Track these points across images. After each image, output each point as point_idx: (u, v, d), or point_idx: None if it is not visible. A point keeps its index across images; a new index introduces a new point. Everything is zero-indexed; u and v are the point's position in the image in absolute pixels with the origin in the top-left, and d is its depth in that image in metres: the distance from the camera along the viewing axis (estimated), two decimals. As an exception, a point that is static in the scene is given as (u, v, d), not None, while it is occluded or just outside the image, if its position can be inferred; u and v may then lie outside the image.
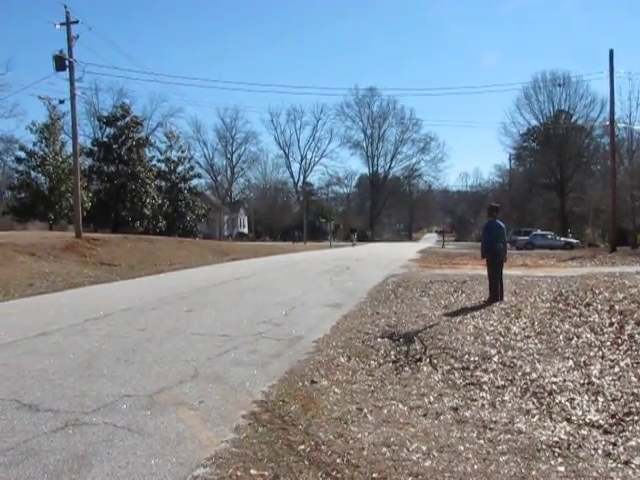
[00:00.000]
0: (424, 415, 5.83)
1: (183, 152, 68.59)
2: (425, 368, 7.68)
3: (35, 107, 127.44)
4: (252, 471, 4.44)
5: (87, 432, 5.10)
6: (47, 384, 6.58)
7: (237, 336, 9.38)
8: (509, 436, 5.27)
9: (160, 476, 4.31)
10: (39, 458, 4.58)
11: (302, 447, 4.93)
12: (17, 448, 4.77)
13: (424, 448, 4.95)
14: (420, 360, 8.03)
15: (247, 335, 9.48)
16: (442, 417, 5.78)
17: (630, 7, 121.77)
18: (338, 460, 4.68)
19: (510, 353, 8.30)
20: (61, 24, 29.58)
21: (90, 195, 50.30)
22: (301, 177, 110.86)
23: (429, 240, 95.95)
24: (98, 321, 10.96)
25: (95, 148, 60.38)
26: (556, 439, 5.20)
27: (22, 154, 52.72)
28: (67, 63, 29.54)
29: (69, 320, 10.96)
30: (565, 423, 5.62)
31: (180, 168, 67.49)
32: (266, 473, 4.42)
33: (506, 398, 6.41)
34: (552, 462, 4.73)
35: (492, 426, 5.52)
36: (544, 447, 5.02)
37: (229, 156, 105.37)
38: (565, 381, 6.95)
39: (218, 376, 6.96)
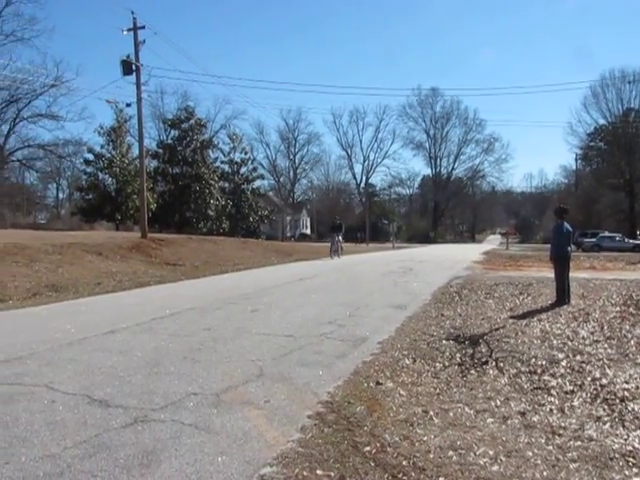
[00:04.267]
0: (491, 419, 5.75)
1: (246, 154, 69.25)
2: (491, 371, 7.57)
3: (103, 111, 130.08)
4: (318, 471, 4.44)
5: (155, 429, 5.18)
6: (116, 381, 6.70)
7: (301, 336, 9.41)
8: (579, 443, 5.14)
9: (227, 474, 4.34)
10: (110, 452, 4.67)
11: (368, 448, 4.91)
12: (89, 441, 4.87)
13: (491, 452, 4.88)
14: (486, 363, 7.92)
15: (311, 336, 9.50)
16: (509, 421, 5.68)
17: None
18: (404, 462, 4.65)
19: (579, 358, 8.13)
20: (128, 30, 30.26)
21: (155, 196, 51.18)
22: (363, 178, 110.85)
23: (492, 242, 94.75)
24: (164, 320, 11.13)
25: (160, 150, 61.44)
26: (630, 448, 5.04)
27: (90, 156, 54.14)
28: (134, 67, 30.14)
29: (136, 319, 11.15)
30: (639, 432, 5.46)
31: (243, 169, 68.14)
32: (332, 474, 4.41)
33: (575, 404, 6.26)
34: (626, 472, 4.58)
35: (561, 432, 5.40)
36: (617, 456, 4.87)
37: (292, 157, 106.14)
38: (638, 388, 6.76)
39: (283, 376, 6.99)
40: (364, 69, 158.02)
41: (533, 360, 8.01)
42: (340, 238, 34.86)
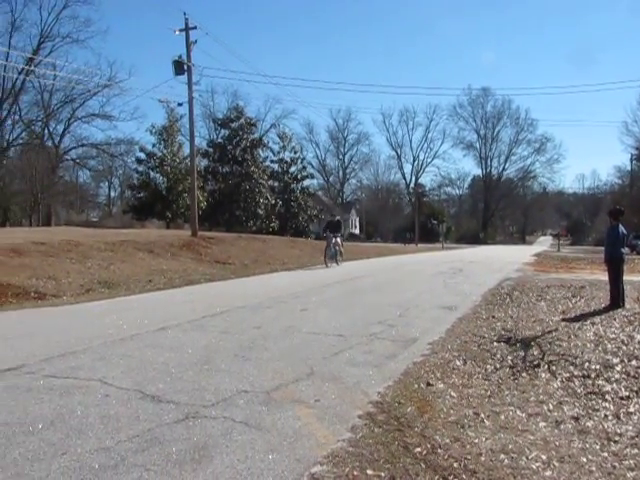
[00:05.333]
0: (543, 423, 5.66)
1: (296, 153, 69.28)
2: (543, 375, 7.46)
3: (154, 110, 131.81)
4: (368, 471, 4.43)
5: (207, 425, 5.22)
6: (168, 377, 6.78)
7: (351, 336, 9.39)
8: (636, 451, 5.02)
9: (278, 471, 4.35)
10: (163, 447, 4.72)
11: (418, 449, 4.88)
12: (142, 436, 4.94)
13: (544, 457, 4.81)
14: (538, 366, 7.81)
15: (361, 335, 9.48)
16: (562, 426, 5.59)
17: None
18: (455, 465, 4.61)
19: (634, 363, 7.95)
20: (180, 30, 30.61)
21: (205, 195, 51.61)
22: (413, 178, 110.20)
23: (543, 243, 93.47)
24: (215, 318, 11.22)
25: (210, 149, 61.87)
26: (692, 458, 4.92)
27: (142, 155, 54.94)
28: (185, 67, 30.46)
29: (187, 316, 11.26)
30: (700, 442, 5.31)
31: (293, 169, 68.21)
32: (382, 474, 4.40)
33: (631, 410, 6.13)
34: (686, 482, 4.48)
35: (617, 439, 5.29)
36: (677, 466, 4.76)
37: (341, 157, 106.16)
38: (696, 395, 6.60)
39: (334, 375, 6.99)
40: (414, 69, 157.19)
41: (587, 364, 7.87)
42: (338, 240, 26.93)
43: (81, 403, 5.77)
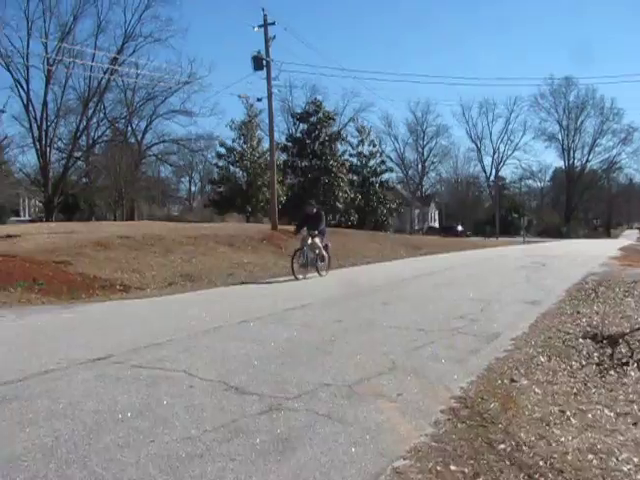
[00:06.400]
0: (634, 424, 5.49)
1: (374, 146, 69.14)
2: (633, 373, 7.22)
3: (233, 106, 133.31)
4: (452, 467, 4.38)
5: (290, 417, 5.26)
6: (251, 369, 6.86)
7: (433, 331, 9.32)
8: None
9: (361, 464, 4.35)
10: (247, 437, 4.78)
11: (502, 446, 4.80)
12: (227, 426, 5.01)
13: (636, 460, 4.63)
14: (627, 364, 7.57)
15: (443, 330, 9.40)
16: (654, 427, 5.42)
17: None
18: (541, 463, 4.51)
19: None
20: (259, 26, 30.99)
21: (285, 189, 52.04)
22: (493, 171, 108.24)
23: (629, 237, 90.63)
24: (296, 311, 11.32)
25: (289, 143, 62.33)
26: None
27: (222, 150, 56.04)
28: (264, 63, 30.76)
29: (268, 309, 11.39)
30: None
31: (372, 162, 68.13)
32: (466, 470, 4.35)
33: None
34: None
35: None
36: None
37: (420, 150, 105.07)
38: None
39: (415, 370, 6.95)
40: (493, 59, 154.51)
41: (679, 362, 7.61)
42: (317, 240, 18.33)
43: (167, 393, 5.90)
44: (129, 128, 69.67)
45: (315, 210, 19.44)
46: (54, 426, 5.01)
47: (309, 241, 18.08)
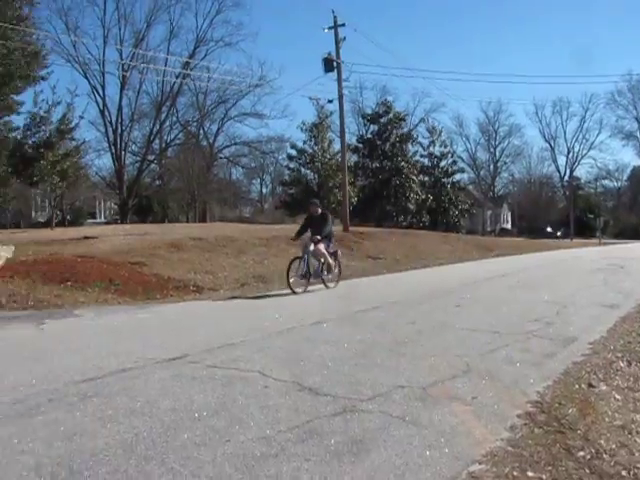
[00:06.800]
0: None
1: (446, 147, 68.63)
2: None
3: (304, 108, 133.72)
4: (529, 473, 4.30)
5: (364, 419, 5.25)
6: (324, 370, 6.88)
7: (507, 333, 9.17)
8: None
9: (435, 468, 4.31)
10: (321, 438, 4.78)
11: (581, 453, 4.68)
12: (301, 427, 5.03)
13: None
14: None
15: (517, 333, 9.24)
16: None
17: None
18: (623, 472, 4.36)
19: None
20: (329, 28, 31.17)
21: (356, 190, 51.99)
22: (567, 171, 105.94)
23: None
24: (368, 312, 11.31)
25: (360, 145, 62.33)
26: None
27: (293, 152, 56.36)
28: (335, 64, 30.85)
29: (341, 311, 11.44)
30: None
31: (443, 163, 67.61)
32: (544, 477, 4.25)
33: None
34: None
35: None
36: None
37: (492, 150, 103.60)
38: None
39: (490, 373, 6.85)
40: (568, 57, 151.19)
41: None
42: (321, 247, 15.36)
43: (242, 393, 5.96)
44: (201, 131, 71.01)
45: (320, 211, 16.36)
46: (133, 423, 5.12)
47: (311, 247, 15.22)
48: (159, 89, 63.63)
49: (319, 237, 15.27)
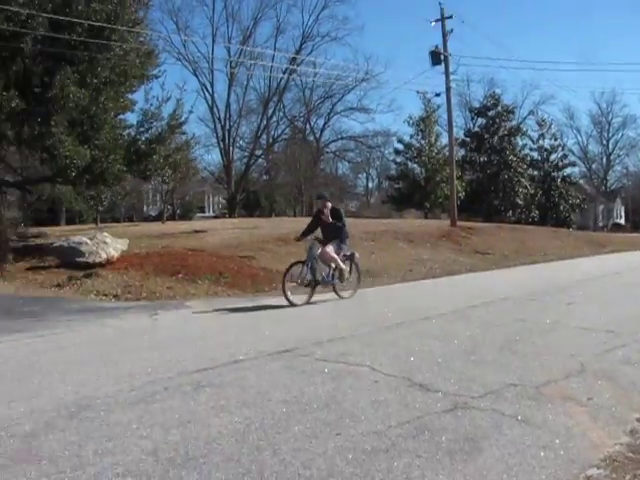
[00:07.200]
0: None
1: (556, 140, 66.68)
2: None
3: (410, 101, 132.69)
4: (650, 480, 4.14)
5: (475, 416, 5.17)
6: (435, 366, 6.82)
7: (623, 333, 8.81)
8: None
9: (551, 470, 4.19)
10: (432, 435, 4.74)
11: None
12: (412, 423, 5.00)
13: None
14: None
15: (635, 332, 8.83)
16: None
17: None
18: None
19: None
20: (436, 21, 30.81)
21: (463, 185, 51.33)
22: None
23: None
24: (477, 308, 11.15)
25: (467, 139, 61.47)
26: None
27: (400, 146, 56.13)
28: (442, 57, 30.51)
29: (450, 306, 11.30)
30: None
31: (553, 156, 65.72)
32: (668, 486, 4.09)
33: None
34: None
35: None
36: None
37: (604, 143, 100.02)
38: None
39: (606, 374, 6.61)
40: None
41: None
42: (330, 249, 12.80)
43: (352, 387, 5.98)
44: (307, 126, 71.40)
45: (331, 206, 13.19)
46: (244, 413, 5.23)
47: (318, 250, 12.66)
48: (266, 85, 64.42)
49: (334, 238, 12.93)
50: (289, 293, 11.88)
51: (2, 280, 15.36)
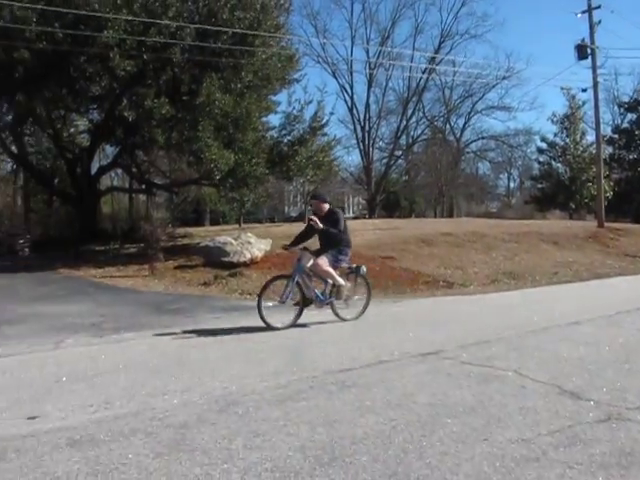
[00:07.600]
0: None
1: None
2: None
3: (553, 98, 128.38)
4: None
5: (632, 429, 4.90)
6: (585, 373, 6.56)
7: None
8: None
9: None
10: (584, 446, 4.54)
11: None
12: (562, 432, 4.82)
13: None
14: None
15: None
16: None
17: None
18: None
19: None
20: (582, 12, 29.58)
21: (611, 184, 49.25)
22: None
23: None
24: (631, 314, 10.63)
25: (615, 135, 58.91)
26: None
27: (543, 145, 54.69)
28: (589, 51, 29.31)
29: (600, 311, 10.85)
30: None
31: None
32: None
33: None
34: None
35: None
36: None
37: None
38: None
39: None
40: None
41: None
42: (322, 261, 10.10)
43: (498, 392, 5.86)
44: (447, 126, 70.74)
45: (327, 208, 10.71)
46: (390, 415, 5.23)
47: (308, 262, 10.27)
48: (405, 85, 64.41)
49: (329, 246, 10.45)
50: (264, 313, 9.81)
51: (153, 278, 16.19)
